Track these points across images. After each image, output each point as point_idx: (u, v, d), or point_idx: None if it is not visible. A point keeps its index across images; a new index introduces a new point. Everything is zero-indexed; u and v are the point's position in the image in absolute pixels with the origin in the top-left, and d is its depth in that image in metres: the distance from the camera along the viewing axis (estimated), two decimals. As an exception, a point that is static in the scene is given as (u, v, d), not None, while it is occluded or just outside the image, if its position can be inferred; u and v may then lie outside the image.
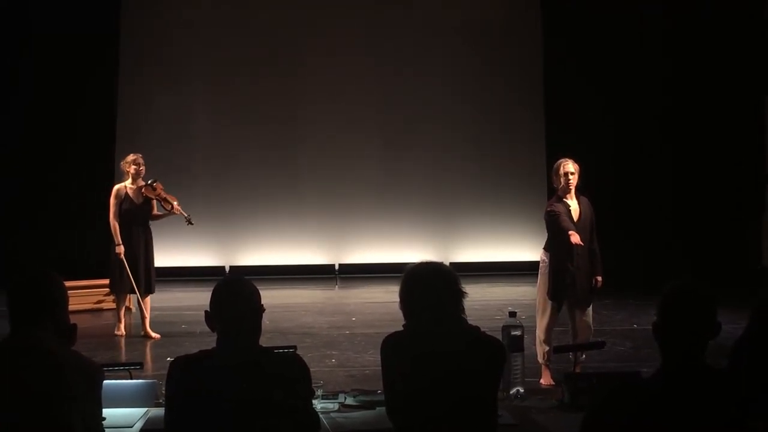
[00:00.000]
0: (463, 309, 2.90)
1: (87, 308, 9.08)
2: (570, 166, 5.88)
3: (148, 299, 7.85)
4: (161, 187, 7.89)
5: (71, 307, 2.92)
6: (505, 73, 12.30)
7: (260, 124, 12.15)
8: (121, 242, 7.63)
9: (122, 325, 7.92)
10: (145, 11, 12.08)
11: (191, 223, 8.13)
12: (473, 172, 12.34)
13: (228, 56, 12.11)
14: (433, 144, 12.26)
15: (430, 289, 2.86)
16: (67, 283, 2.92)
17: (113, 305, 8.34)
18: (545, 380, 5.83)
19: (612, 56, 11.79)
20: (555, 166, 5.99)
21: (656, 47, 11.94)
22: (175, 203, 7.90)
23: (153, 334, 7.79)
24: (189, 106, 12.18)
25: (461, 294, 2.89)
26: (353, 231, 12.26)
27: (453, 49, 12.27)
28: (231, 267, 12.05)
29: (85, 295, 9.09)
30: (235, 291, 2.77)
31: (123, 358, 7.04)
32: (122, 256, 7.63)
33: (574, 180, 5.85)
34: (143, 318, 7.84)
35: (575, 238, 5.64)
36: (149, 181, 7.83)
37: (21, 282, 2.79)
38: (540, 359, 5.91)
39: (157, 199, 7.87)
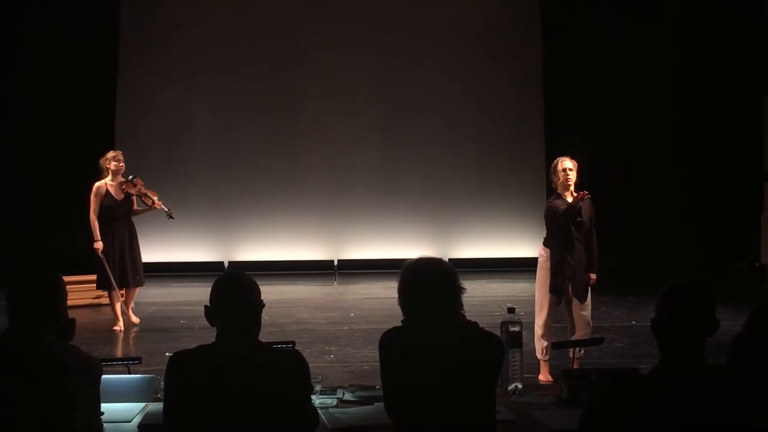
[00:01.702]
0: (462, 305, 2.89)
1: (86, 303, 9.08)
2: (568, 163, 5.88)
3: (136, 289, 7.99)
4: (141, 182, 7.90)
5: (70, 302, 2.93)
6: (505, 70, 12.28)
7: (259, 121, 12.14)
8: (99, 238, 7.66)
9: (120, 321, 7.94)
10: (143, 9, 12.05)
11: (172, 218, 8.16)
12: (472, 169, 12.34)
13: (227, 53, 12.09)
14: (432, 141, 12.26)
15: (429, 284, 2.85)
16: (66, 278, 2.92)
17: (110, 301, 8.38)
18: (543, 376, 5.83)
19: (610, 55, 11.78)
20: (553, 164, 5.99)
21: (655, 47, 11.92)
22: (155, 198, 7.93)
23: (133, 318, 7.89)
24: (188, 103, 12.17)
25: (460, 290, 2.88)
26: (352, 227, 12.26)
27: (453, 47, 12.27)
28: (230, 262, 12.04)
29: (83, 290, 9.07)
30: (235, 286, 2.77)
31: (121, 353, 7.06)
32: (101, 252, 7.66)
33: (572, 176, 5.85)
34: (128, 301, 7.96)
35: (577, 197, 5.66)
36: (129, 177, 7.84)
37: (22, 282, 2.80)
38: (538, 355, 5.91)
39: (137, 195, 7.89)
